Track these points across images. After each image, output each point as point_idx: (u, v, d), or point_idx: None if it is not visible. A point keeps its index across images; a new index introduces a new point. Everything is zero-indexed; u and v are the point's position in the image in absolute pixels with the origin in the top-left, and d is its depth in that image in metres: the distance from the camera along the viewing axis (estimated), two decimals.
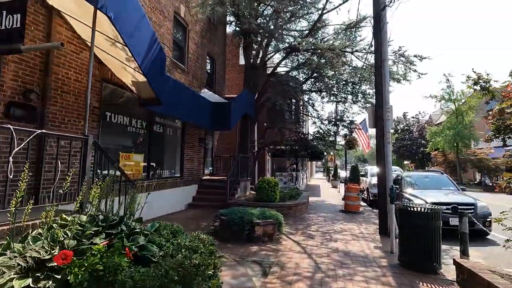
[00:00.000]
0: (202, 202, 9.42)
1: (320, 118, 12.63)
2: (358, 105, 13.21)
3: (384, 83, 7.02)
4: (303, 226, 7.54)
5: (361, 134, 14.32)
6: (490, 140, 5.84)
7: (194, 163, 9.86)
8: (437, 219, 4.33)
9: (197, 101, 8.41)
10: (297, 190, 11.51)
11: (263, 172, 15.81)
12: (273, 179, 9.06)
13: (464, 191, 8.04)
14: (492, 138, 5.46)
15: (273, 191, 8.83)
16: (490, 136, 5.47)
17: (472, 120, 27.19)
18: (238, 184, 10.08)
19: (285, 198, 9.63)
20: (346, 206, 10.23)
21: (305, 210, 9.67)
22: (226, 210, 6.24)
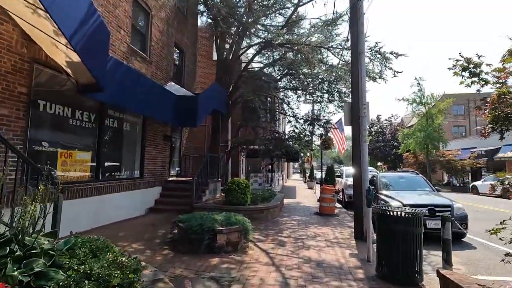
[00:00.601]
0: (165, 206, 8.52)
1: (295, 117, 12.15)
2: (334, 104, 12.91)
3: (361, 77, 6.59)
4: (274, 231, 6.91)
5: (337, 134, 14.04)
6: (487, 135, 5.48)
7: (157, 162, 8.94)
8: (419, 225, 3.86)
9: (159, 93, 7.54)
10: (271, 192, 10.90)
11: (237, 173, 15.08)
12: (244, 181, 8.37)
13: (439, 192, 7.81)
14: (490, 132, 5.10)
15: (244, 194, 8.14)
16: (487, 130, 5.11)
17: (441, 123, 28.20)
18: (206, 185, 9.29)
19: (257, 200, 8.98)
20: (321, 209, 9.77)
21: (278, 213, 9.07)
22: (185, 215, 5.46)
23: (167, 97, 7.88)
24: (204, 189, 9.05)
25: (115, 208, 6.84)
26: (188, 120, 8.17)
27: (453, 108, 39.90)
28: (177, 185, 9.47)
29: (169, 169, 9.98)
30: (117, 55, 6.83)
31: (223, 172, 11.87)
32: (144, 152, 8.17)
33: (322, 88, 12.53)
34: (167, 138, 9.55)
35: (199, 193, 8.69)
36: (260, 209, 8.09)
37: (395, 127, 46.10)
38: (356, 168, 6.58)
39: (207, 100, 8.72)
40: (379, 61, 9.18)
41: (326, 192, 9.80)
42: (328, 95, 12.59)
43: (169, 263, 4.31)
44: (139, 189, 7.89)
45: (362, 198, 6.29)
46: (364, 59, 6.76)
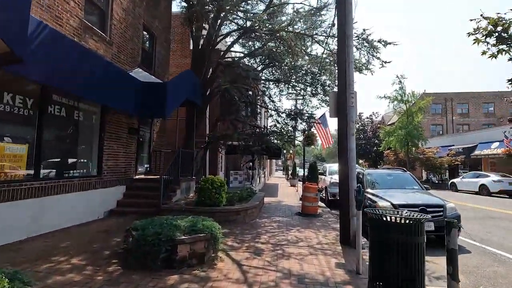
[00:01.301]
0: (129, 208, 7.50)
1: (277, 111, 11.38)
2: (318, 98, 12.27)
3: (348, 64, 5.88)
4: (251, 235, 6.10)
5: (321, 129, 13.44)
6: None
7: (120, 158, 7.88)
8: (421, 233, 3.17)
9: (121, 78, 6.51)
10: (250, 190, 10.10)
11: (215, 170, 14.16)
12: (219, 179, 7.51)
13: (429, 191, 7.31)
14: None
15: (219, 193, 7.28)
16: None
17: (420, 121, 28.53)
18: (178, 184, 8.34)
19: (234, 200, 8.15)
20: (304, 208, 9.08)
21: (257, 214, 8.28)
22: (143, 221, 4.53)
23: (130, 84, 6.85)
24: (174, 188, 8.10)
25: (63, 212, 5.77)
26: (156, 111, 7.17)
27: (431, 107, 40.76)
28: (144, 184, 8.45)
29: (136, 166, 8.92)
30: (65, 30, 5.73)
31: (198, 170, 10.93)
32: (103, 147, 7.10)
33: (305, 81, 11.84)
34: (134, 131, 8.49)
35: (168, 193, 7.73)
36: (236, 210, 7.26)
37: (376, 125, 46.66)
38: (342, 164, 5.89)
39: (178, 89, 7.74)
40: (367, 50, 8.57)
41: (309, 190, 9.12)
42: (312, 88, 11.93)
43: (112, 284, 3.39)
44: (97, 189, 6.83)
45: (348, 199, 5.62)
46: (352, 43, 6.06)
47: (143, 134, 9.51)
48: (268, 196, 14.35)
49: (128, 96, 6.72)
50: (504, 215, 10.16)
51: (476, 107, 42.03)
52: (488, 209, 11.65)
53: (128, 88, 6.74)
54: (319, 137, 13.48)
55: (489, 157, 24.18)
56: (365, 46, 8.50)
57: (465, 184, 19.65)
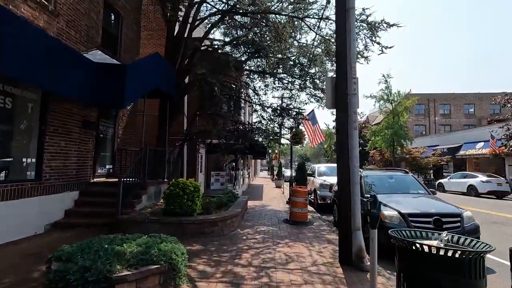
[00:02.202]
0: (80, 219, 6.09)
1: (262, 105, 10.23)
2: (307, 92, 11.22)
3: (349, 43, 4.79)
4: (229, 254, 4.89)
5: (309, 126, 12.40)
6: None
7: (71, 158, 6.44)
8: (482, 274, 2.09)
9: (64, 56, 5.11)
10: (231, 195, 8.88)
11: (194, 172, 12.82)
12: (192, 182, 6.24)
13: (435, 195, 6.37)
14: None
15: (191, 200, 6.02)
16: None
17: (406, 121, 28.32)
18: (144, 189, 6.99)
19: (211, 208, 6.91)
20: (292, 215, 7.97)
21: (238, 224, 7.07)
22: (74, 245, 3.21)
23: (79, 65, 5.46)
24: (139, 194, 6.75)
25: None
26: (113, 99, 5.79)
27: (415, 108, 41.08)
28: (103, 188, 7.03)
29: (94, 167, 7.48)
30: None
31: (173, 171, 9.58)
32: (45, 143, 5.65)
33: (293, 73, 10.76)
34: (90, 126, 7.05)
35: (130, 199, 6.38)
36: (213, 220, 6.02)
37: (361, 125, 46.58)
38: (341, 165, 4.79)
39: (143, 74, 6.40)
40: (365, 33, 7.56)
41: (297, 195, 8.02)
42: (300, 82, 10.86)
43: None
44: (34, 197, 5.39)
45: (350, 208, 4.52)
46: (354, 18, 4.97)
47: (104, 129, 8.06)
48: (252, 199, 13.18)
49: (76, 80, 5.33)
50: (504, 219, 9.48)
51: (458, 108, 42.75)
52: (485, 212, 11.01)
53: (77, 70, 5.35)
54: (308, 135, 12.43)
55: (474, 157, 24.16)
56: (363, 26, 7.49)
57: (453, 185, 19.29)
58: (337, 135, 5.01)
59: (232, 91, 9.81)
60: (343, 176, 4.76)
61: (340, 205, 4.82)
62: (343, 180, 4.77)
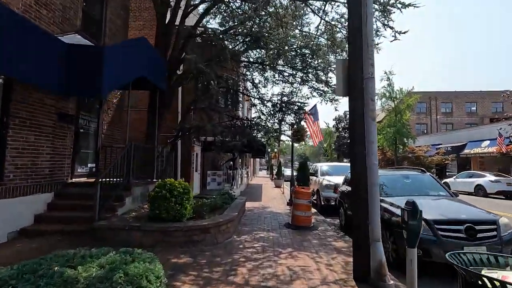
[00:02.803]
0: (52, 226, 5.29)
1: (262, 99, 9.44)
2: (309, 85, 10.44)
3: (366, 15, 4.01)
4: (222, 269, 4.11)
5: (311, 123, 11.65)
6: None
7: (43, 155, 5.63)
8: None
9: (30, 37, 4.31)
10: (227, 196, 8.10)
11: (189, 171, 12.03)
12: (181, 183, 5.46)
13: (458, 197, 5.61)
14: None
15: (180, 203, 5.24)
16: None
17: (408, 119, 27.66)
18: (128, 190, 6.21)
19: (204, 211, 6.12)
20: (294, 219, 7.20)
21: (234, 229, 6.29)
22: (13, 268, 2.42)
23: (49, 47, 4.66)
24: (122, 196, 5.96)
25: None
26: (88, 87, 4.99)
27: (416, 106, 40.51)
28: (83, 190, 6.23)
29: (73, 166, 6.67)
30: None
31: (163, 170, 8.79)
32: (7, 138, 4.85)
33: (295, 65, 9.98)
34: (67, 119, 6.25)
35: (110, 202, 5.58)
36: (204, 227, 5.23)
37: None
38: (356, 163, 4.01)
39: (125, 59, 5.60)
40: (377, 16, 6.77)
41: (300, 196, 7.24)
42: (302, 74, 10.08)
43: None
44: None
45: (367, 215, 3.75)
46: None
47: (85, 123, 7.25)
48: (250, 199, 12.41)
49: (42, 64, 4.53)
50: None
51: (460, 107, 42.13)
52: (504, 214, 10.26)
53: (48, 53, 4.55)
54: (310, 132, 11.67)
55: (479, 156, 23.48)
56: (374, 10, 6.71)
57: (459, 185, 18.56)
58: (351, 126, 4.23)
59: (229, 84, 9.03)
60: (358, 177, 3.98)
61: (354, 211, 4.05)
62: (357, 181, 3.99)
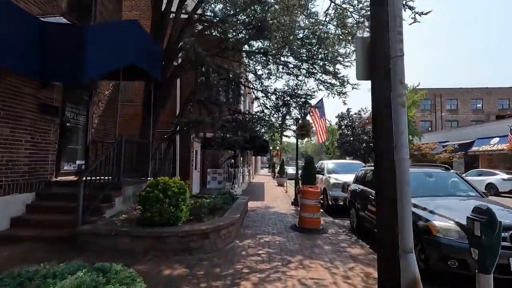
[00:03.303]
0: (29, 231, 4.67)
1: (265, 91, 8.78)
2: (315, 77, 9.77)
3: None
4: (222, 284, 3.49)
5: (317, 118, 11.00)
6: None
7: (21, 151, 5.01)
8: None
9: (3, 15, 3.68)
10: (228, 196, 7.49)
11: (187, 169, 11.43)
12: (176, 182, 4.83)
13: (488, 198, 4.97)
14: None
15: (174, 205, 4.61)
16: None
17: (413, 116, 27.00)
18: (118, 190, 5.59)
19: (202, 213, 5.49)
20: (302, 221, 6.58)
21: (235, 234, 5.67)
22: None
23: (22, 25, 4.03)
24: (111, 196, 5.34)
25: None
26: (65, 71, 4.35)
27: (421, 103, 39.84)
28: (69, 189, 5.59)
29: (59, 163, 6.05)
30: None
31: (160, 168, 8.18)
32: None
33: (301, 55, 9.30)
34: (50, 111, 5.62)
35: (97, 203, 4.96)
36: (202, 232, 4.60)
37: (365, 121, 45.08)
38: (382, 159, 3.38)
39: (112, 42, 4.96)
40: None
41: (308, 196, 6.61)
42: (308, 65, 9.41)
43: None
44: None
45: (395, 222, 3.11)
46: None
47: (73, 116, 6.63)
48: (253, 199, 11.80)
49: (16, 45, 3.91)
50: None
51: (465, 104, 41.37)
52: None
53: (19, 32, 3.92)
54: (315, 128, 11.02)
55: (487, 153, 22.79)
56: None
57: None
58: (374, 117, 3.59)
59: (230, 75, 8.37)
60: (384, 175, 3.35)
61: (379, 216, 3.41)
62: (383, 179, 3.36)
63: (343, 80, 9.26)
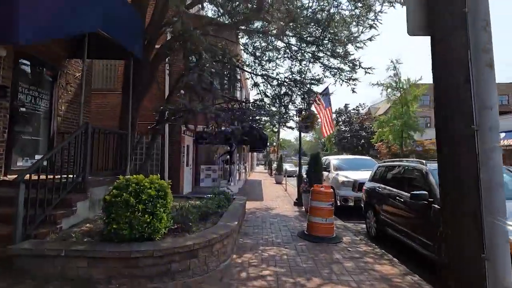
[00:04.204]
0: None
1: (266, 75, 7.58)
2: (322, 61, 8.63)
3: None
4: None
5: (322, 109, 9.86)
6: None
7: None
8: None
9: None
10: (224, 197, 6.32)
11: (179, 165, 10.24)
12: (154, 181, 3.64)
13: None
14: None
15: (151, 212, 3.43)
16: None
17: (415, 111, 26.11)
18: (82, 192, 4.39)
19: (190, 221, 4.30)
20: (312, 228, 5.47)
21: (232, 246, 4.52)
22: None
23: None
24: (69, 201, 4.12)
25: None
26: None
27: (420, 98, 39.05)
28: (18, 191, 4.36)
29: (9, 157, 4.81)
30: None
31: (142, 164, 6.99)
32: None
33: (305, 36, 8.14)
34: None
35: (49, 211, 3.75)
36: (189, 249, 3.43)
37: (363, 117, 44.27)
38: (456, 147, 2.24)
39: None
40: None
41: (320, 198, 5.49)
42: (315, 48, 8.26)
43: None
44: None
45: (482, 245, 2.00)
46: None
47: (30, 100, 5.35)
48: (251, 198, 10.68)
49: None
50: None
51: None
52: None
53: None
54: (320, 120, 9.90)
55: None
56: None
57: None
58: (437, 87, 2.45)
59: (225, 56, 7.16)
60: (456, 173, 2.22)
61: (447, 237, 2.28)
62: (455, 180, 2.23)
63: (354, 64, 8.14)
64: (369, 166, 9.48)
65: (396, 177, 5.42)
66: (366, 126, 41.82)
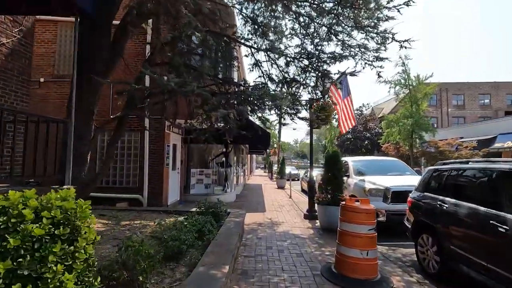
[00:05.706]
0: None
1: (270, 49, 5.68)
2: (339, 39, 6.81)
3: None
4: None
5: (338, 100, 7.98)
6: None
7: None
8: None
9: None
10: (213, 213, 4.39)
11: (161, 169, 8.30)
12: (51, 201, 1.72)
13: None
14: None
15: (33, 277, 1.50)
16: None
17: (425, 110, 24.41)
18: None
19: (140, 271, 2.37)
20: (344, 265, 3.56)
21: None
22: None
23: None
24: None
25: None
26: None
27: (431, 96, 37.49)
28: None
29: None
30: None
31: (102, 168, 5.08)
32: None
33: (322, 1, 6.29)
34: None
35: None
36: None
37: (366, 118, 42.44)
38: None
39: None
40: None
41: (357, 219, 3.60)
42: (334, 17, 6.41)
43: None
44: None
45: None
46: None
47: None
48: (250, 209, 8.78)
49: None
50: None
51: (472, 99, 39.12)
52: None
53: None
54: (337, 113, 8.01)
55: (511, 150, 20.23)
56: None
57: None
58: None
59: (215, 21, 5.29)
60: None
61: None
62: None
63: (385, 37, 6.30)
64: (399, 170, 7.60)
65: (478, 187, 3.53)
66: (370, 127, 40.09)
